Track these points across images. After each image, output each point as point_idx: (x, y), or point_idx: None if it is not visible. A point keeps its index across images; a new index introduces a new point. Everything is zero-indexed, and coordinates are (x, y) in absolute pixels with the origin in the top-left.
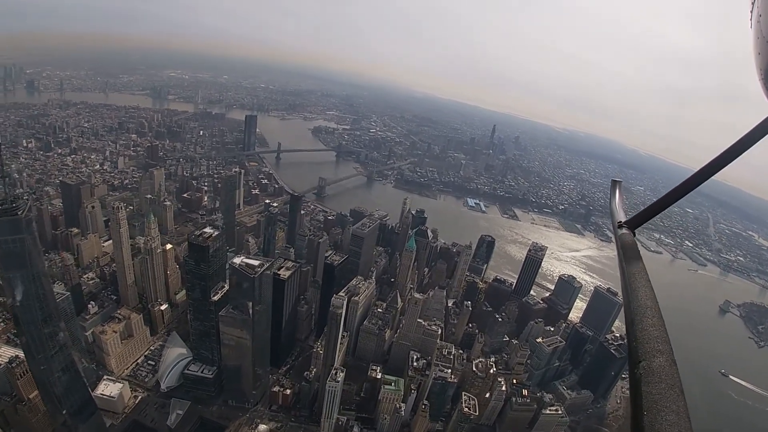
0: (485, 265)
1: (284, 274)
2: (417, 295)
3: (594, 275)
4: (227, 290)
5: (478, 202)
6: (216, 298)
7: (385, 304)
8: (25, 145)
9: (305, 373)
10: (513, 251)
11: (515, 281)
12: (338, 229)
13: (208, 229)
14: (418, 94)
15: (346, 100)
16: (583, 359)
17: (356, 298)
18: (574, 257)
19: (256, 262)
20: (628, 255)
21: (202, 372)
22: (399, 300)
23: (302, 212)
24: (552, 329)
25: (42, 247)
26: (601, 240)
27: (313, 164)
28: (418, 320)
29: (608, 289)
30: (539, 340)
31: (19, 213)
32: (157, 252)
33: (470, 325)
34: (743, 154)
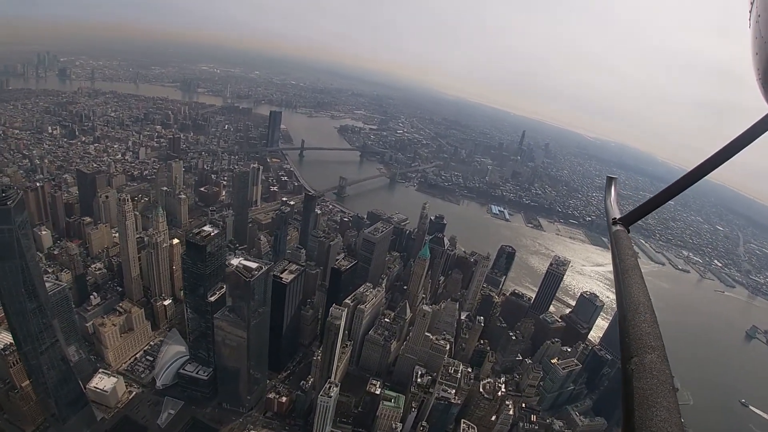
0: (504, 277)
1: (287, 277)
2: (426, 308)
3: None
4: (224, 291)
5: (502, 209)
6: (213, 298)
7: (393, 314)
8: (50, 131)
9: (301, 382)
10: (535, 263)
11: (534, 296)
12: (353, 232)
13: (207, 228)
14: (449, 97)
15: (376, 100)
16: (600, 383)
17: (362, 307)
18: (598, 272)
19: (254, 265)
20: (622, 252)
21: (197, 372)
22: (408, 310)
23: (319, 212)
24: (569, 350)
25: (55, 234)
26: None
27: (336, 163)
28: (426, 334)
29: None
30: (554, 361)
31: (8, 203)
32: (163, 246)
33: (482, 341)
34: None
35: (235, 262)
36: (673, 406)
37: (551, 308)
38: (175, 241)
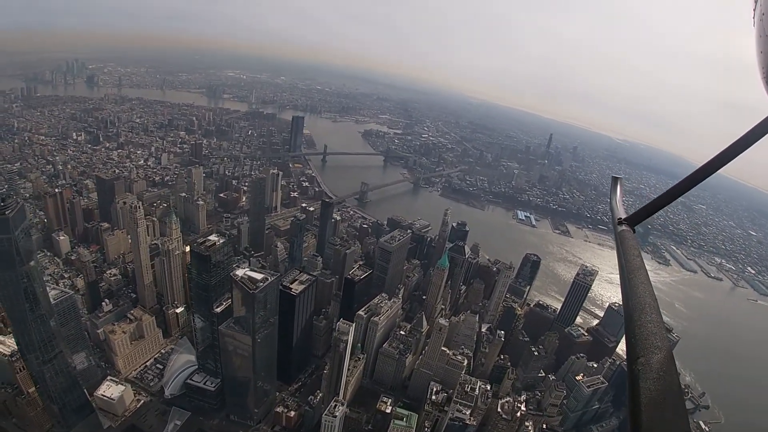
0: (528, 287)
1: (296, 288)
2: (442, 321)
3: None
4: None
5: (528, 215)
6: (219, 309)
7: (409, 326)
8: (74, 137)
9: (309, 397)
10: (561, 271)
11: (559, 307)
12: (372, 239)
13: (213, 237)
14: (475, 101)
15: (401, 105)
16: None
17: (376, 319)
18: None
19: (259, 276)
20: (628, 252)
21: (204, 383)
22: (425, 323)
23: (339, 218)
24: (595, 365)
25: (74, 239)
26: (659, 263)
27: (359, 168)
28: (443, 348)
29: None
30: (579, 378)
31: (7, 213)
32: (176, 254)
33: (502, 356)
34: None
35: (240, 272)
36: (680, 406)
37: (579, 318)
38: (188, 248)
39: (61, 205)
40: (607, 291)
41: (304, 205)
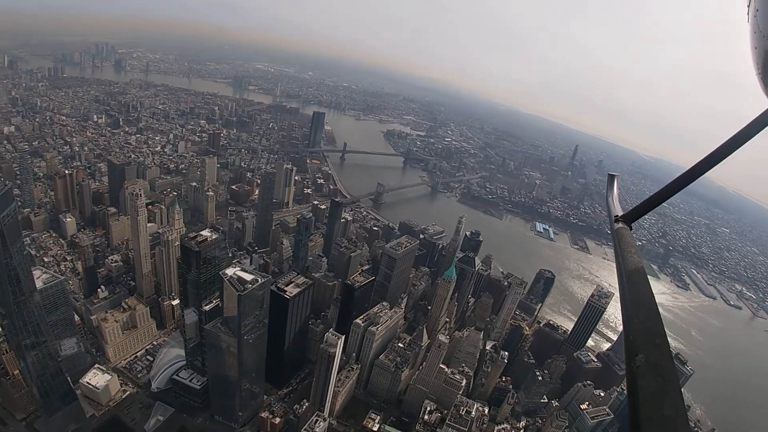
0: (539, 305)
1: (291, 291)
2: (442, 338)
3: (665, 328)
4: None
5: (547, 227)
6: (208, 308)
7: (408, 339)
8: (95, 119)
9: (295, 405)
10: (576, 289)
11: (571, 328)
12: (381, 242)
13: (205, 232)
14: (503, 107)
15: (426, 107)
16: None
17: (373, 328)
18: None
19: (248, 277)
20: (625, 249)
21: (190, 380)
22: (425, 336)
23: (350, 219)
24: (602, 395)
25: (81, 222)
26: (678, 286)
27: (377, 168)
28: (441, 366)
29: (677, 355)
30: (584, 407)
31: None
32: (175, 245)
33: (504, 378)
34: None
35: (230, 272)
36: (679, 403)
37: (590, 341)
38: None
39: (70, 187)
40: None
41: (315, 202)
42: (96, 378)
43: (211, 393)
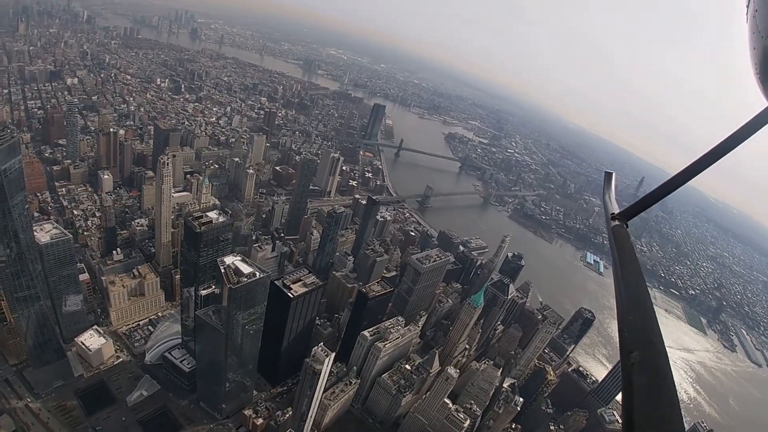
0: (572, 346)
1: (297, 290)
2: (452, 371)
3: (701, 391)
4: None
5: (598, 259)
6: (204, 293)
7: (418, 362)
8: (158, 83)
9: (278, 412)
10: (616, 333)
11: (601, 378)
12: (415, 250)
13: (212, 213)
14: (572, 126)
15: (495, 114)
16: None
17: (380, 344)
18: (685, 360)
19: (247, 269)
20: (621, 247)
21: (181, 361)
22: (436, 362)
23: (390, 218)
24: None
25: (118, 180)
26: (725, 346)
27: (431, 170)
28: (446, 400)
29: None
30: None
31: None
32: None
33: (514, 425)
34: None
35: (228, 260)
36: (674, 400)
37: (618, 396)
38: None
39: (113, 145)
40: None
41: (358, 196)
42: (91, 339)
43: (197, 379)
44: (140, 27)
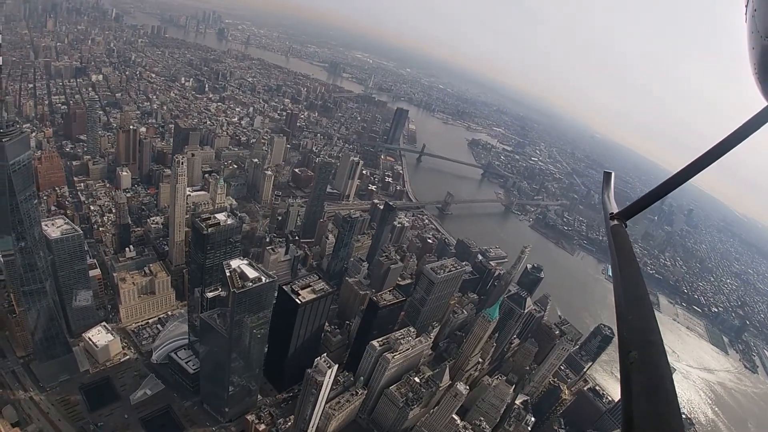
0: (590, 363)
1: (305, 296)
2: (461, 387)
3: (720, 414)
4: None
5: None
6: (210, 295)
7: (428, 374)
8: (182, 82)
9: (279, 420)
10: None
11: (618, 398)
12: (433, 257)
13: (221, 215)
14: (598, 135)
15: (519, 121)
16: None
17: (389, 355)
18: (705, 380)
19: (252, 274)
20: (620, 246)
21: (186, 362)
22: (446, 376)
23: (407, 224)
24: None
25: (136, 177)
26: (746, 366)
27: (452, 176)
28: (454, 416)
29: None
30: None
31: (3, 140)
32: None
33: None
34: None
35: (234, 264)
36: (672, 399)
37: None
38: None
39: (132, 142)
40: (678, 388)
41: (376, 201)
42: (98, 336)
43: (201, 381)
44: (168, 26)
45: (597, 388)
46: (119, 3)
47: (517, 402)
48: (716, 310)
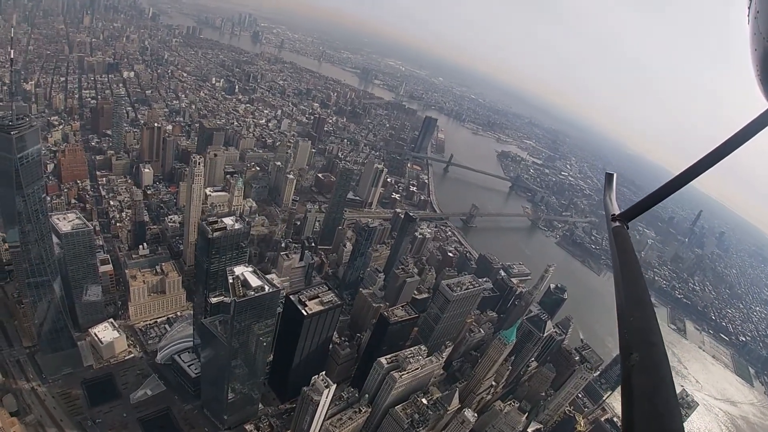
0: (609, 393)
1: (312, 308)
2: (468, 414)
3: None
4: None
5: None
6: (214, 300)
7: (437, 396)
8: (213, 82)
9: None
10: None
11: None
12: (452, 272)
13: (228, 219)
14: (630, 152)
15: (551, 135)
16: None
17: (396, 374)
18: (727, 412)
19: (256, 283)
20: (622, 248)
21: (189, 365)
22: (455, 400)
23: (429, 236)
24: None
25: (159, 175)
26: (762, 383)
27: (479, 188)
28: None
29: None
30: None
31: (11, 132)
32: None
33: None
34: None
35: (238, 270)
36: (673, 399)
37: None
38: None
39: (156, 139)
40: (698, 421)
41: (398, 210)
42: (105, 332)
43: (202, 386)
44: (203, 27)
45: (615, 419)
46: (157, 2)
47: (530, 431)
48: (744, 339)
